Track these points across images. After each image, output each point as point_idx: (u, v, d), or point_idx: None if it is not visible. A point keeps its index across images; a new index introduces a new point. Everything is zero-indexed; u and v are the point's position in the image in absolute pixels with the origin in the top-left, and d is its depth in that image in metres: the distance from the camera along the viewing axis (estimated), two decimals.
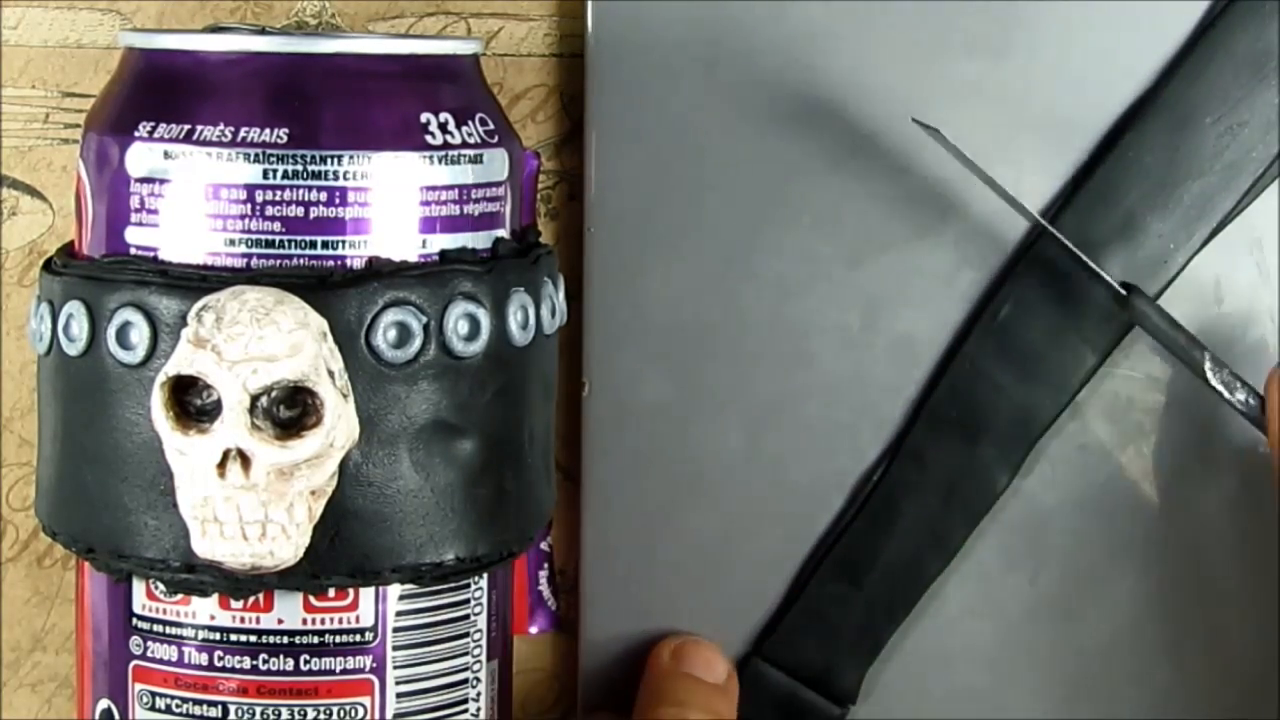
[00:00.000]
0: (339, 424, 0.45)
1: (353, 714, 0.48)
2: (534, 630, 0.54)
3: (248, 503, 0.45)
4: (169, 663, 0.48)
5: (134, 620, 0.48)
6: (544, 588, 0.54)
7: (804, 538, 0.57)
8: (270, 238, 0.46)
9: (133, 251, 0.47)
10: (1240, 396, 0.53)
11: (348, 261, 0.46)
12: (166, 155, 0.46)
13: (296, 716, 0.47)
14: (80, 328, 0.47)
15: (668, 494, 0.57)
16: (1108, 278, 0.53)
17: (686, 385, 0.56)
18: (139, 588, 0.48)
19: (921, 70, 0.55)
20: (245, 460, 0.45)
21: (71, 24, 0.57)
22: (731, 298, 0.56)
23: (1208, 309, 0.55)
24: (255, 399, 0.45)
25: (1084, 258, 0.53)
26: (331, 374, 0.45)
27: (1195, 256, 0.55)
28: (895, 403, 0.56)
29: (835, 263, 0.56)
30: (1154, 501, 0.56)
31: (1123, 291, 0.54)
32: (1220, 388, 0.53)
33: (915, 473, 0.56)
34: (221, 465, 0.45)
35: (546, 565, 0.54)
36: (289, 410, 0.45)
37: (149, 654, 0.48)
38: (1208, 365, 0.53)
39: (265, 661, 0.47)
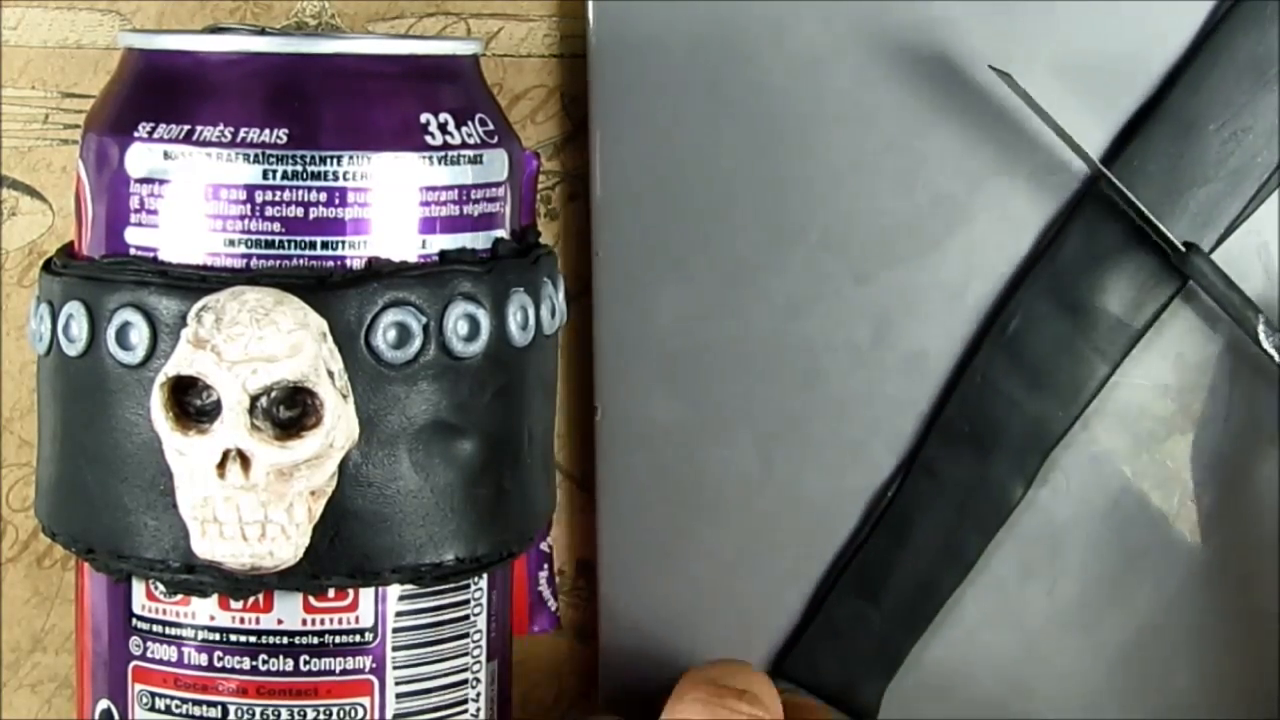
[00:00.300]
0: (339, 424, 0.45)
1: (352, 714, 0.48)
2: (534, 630, 0.54)
3: (247, 503, 0.45)
4: (169, 663, 0.48)
5: (134, 621, 0.48)
6: (544, 588, 0.54)
7: (820, 554, 0.57)
8: (270, 238, 0.46)
9: (132, 252, 0.47)
10: None
11: (347, 262, 0.46)
12: (166, 155, 0.46)
13: (296, 717, 0.47)
14: (80, 328, 0.47)
15: (684, 515, 0.56)
16: (1167, 233, 0.53)
17: (698, 406, 0.56)
18: (139, 588, 0.48)
19: (926, 80, 0.55)
20: (245, 460, 0.45)
21: (71, 24, 0.57)
22: (740, 316, 0.56)
23: (1216, 312, 0.55)
24: (255, 399, 0.45)
25: (1144, 209, 0.53)
26: (331, 374, 0.45)
27: None
28: (907, 418, 0.56)
29: (843, 279, 0.56)
30: (1169, 509, 0.56)
31: (1182, 248, 0.53)
32: (1272, 351, 0.53)
33: (929, 487, 0.56)
34: (221, 466, 0.45)
35: (546, 565, 0.54)
36: (289, 410, 0.45)
37: (149, 654, 0.48)
38: (1261, 328, 0.53)
39: (265, 662, 0.47)
